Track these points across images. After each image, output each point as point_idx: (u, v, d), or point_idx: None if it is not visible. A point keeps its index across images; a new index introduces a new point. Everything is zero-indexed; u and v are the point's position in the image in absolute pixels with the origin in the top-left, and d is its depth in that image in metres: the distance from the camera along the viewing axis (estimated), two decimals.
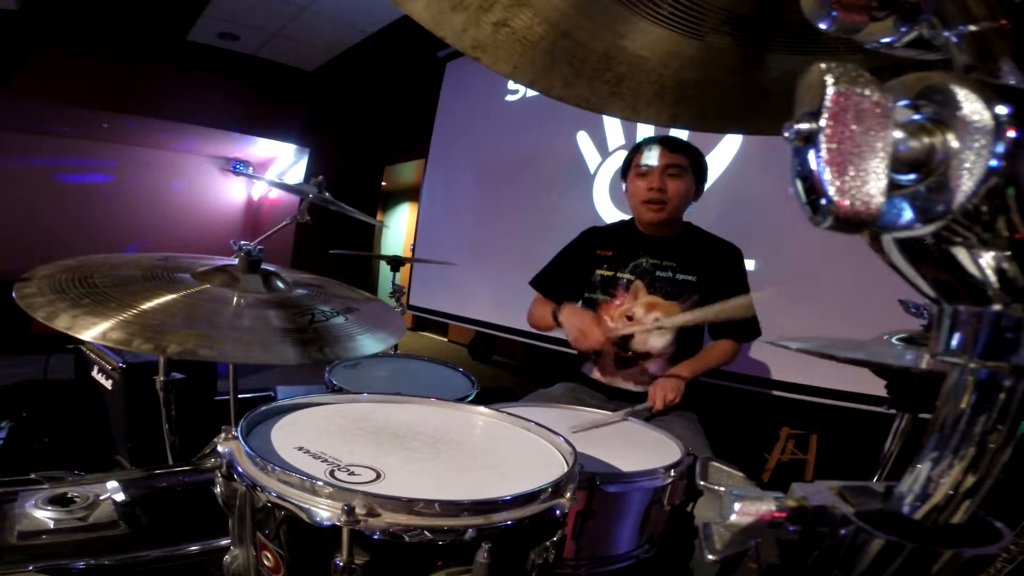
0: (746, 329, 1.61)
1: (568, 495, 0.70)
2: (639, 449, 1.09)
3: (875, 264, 0.32)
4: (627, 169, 1.67)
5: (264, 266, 1.06)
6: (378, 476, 0.70)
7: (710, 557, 0.36)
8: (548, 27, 0.45)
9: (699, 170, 1.63)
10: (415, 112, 5.06)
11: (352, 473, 0.70)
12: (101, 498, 0.94)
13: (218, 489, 0.70)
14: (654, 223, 1.62)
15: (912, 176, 0.27)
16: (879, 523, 0.32)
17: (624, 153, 1.74)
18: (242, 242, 1.04)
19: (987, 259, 0.27)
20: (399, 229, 7.60)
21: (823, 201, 0.25)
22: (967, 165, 0.25)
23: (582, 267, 1.70)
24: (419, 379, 1.63)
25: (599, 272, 1.67)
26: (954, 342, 0.30)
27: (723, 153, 2.77)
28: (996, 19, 0.28)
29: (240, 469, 0.67)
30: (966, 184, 0.25)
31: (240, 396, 1.45)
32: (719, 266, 1.61)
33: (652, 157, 1.58)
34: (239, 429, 0.72)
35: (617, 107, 0.49)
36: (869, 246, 0.32)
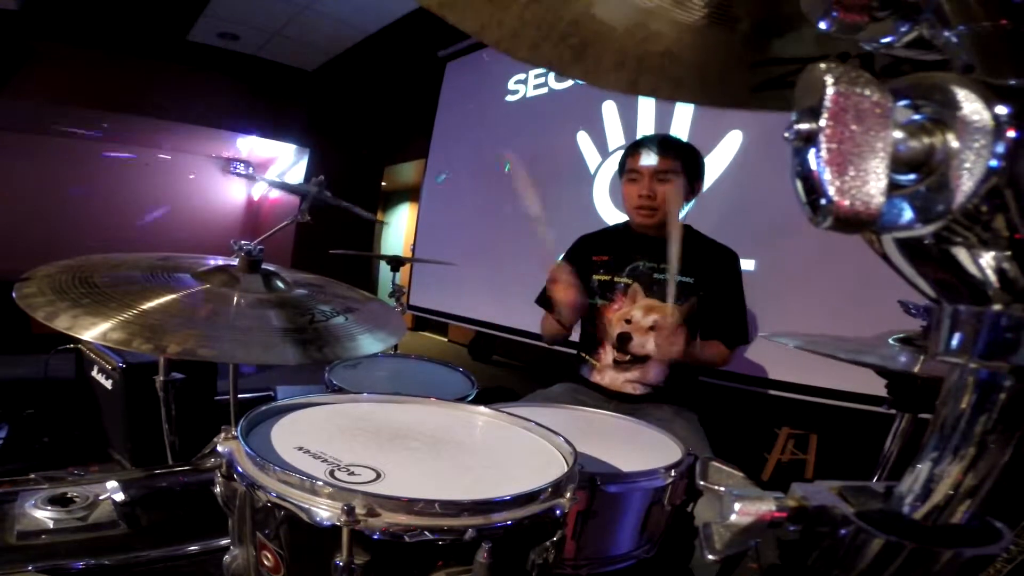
0: (734, 334, 1.62)
1: (568, 495, 0.70)
2: (639, 449, 1.09)
3: (875, 264, 0.32)
4: (622, 171, 1.68)
5: (264, 266, 1.06)
6: (378, 476, 0.70)
7: (710, 557, 0.36)
8: None
9: (694, 169, 1.63)
10: (415, 112, 5.06)
11: (352, 473, 0.70)
12: (101, 498, 0.94)
13: (218, 489, 0.70)
14: (647, 226, 1.63)
15: (912, 176, 0.27)
16: (879, 523, 0.32)
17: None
18: (242, 242, 1.04)
19: (987, 259, 0.27)
20: (399, 229, 7.60)
21: (823, 201, 0.25)
22: (967, 165, 0.25)
23: (579, 275, 1.70)
24: (419, 379, 1.63)
25: (596, 277, 1.67)
26: (954, 342, 0.30)
27: (723, 153, 2.77)
28: (996, 19, 0.28)
29: (240, 469, 0.67)
30: (966, 184, 0.25)
31: (240, 396, 1.45)
32: (716, 269, 1.61)
33: (644, 160, 1.59)
34: (239, 429, 0.72)
35: (579, 71, 0.49)
36: (869, 246, 0.32)
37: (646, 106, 3.09)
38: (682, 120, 2.92)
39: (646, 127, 3.08)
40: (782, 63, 0.43)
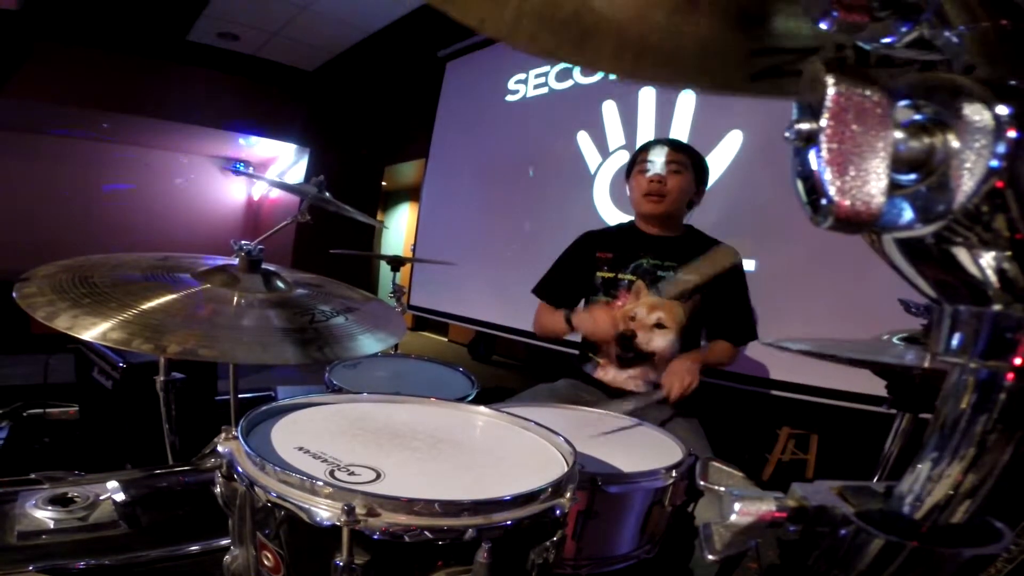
0: (742, 332, 1.62)
1: (568, 495, 0.70)
2: (640, 449, 1.09)
3: (875, 264, 0.32)
4: (631, 168, 1.69)
5: (264, 266, 1.06)
6: (378, 476, 0.70)
7: (710, 557, 0.36)
8: None
9: (699, 171, 1.65)
10: (415, 112, 5.06)
11: (352, 473, 0.70)
12: (101, 498, 0.94)
13: (218, 489, 0.70)
14: (654, 215, 1.64)
15: (912, 176, 0.27)
16: (879, 523, 0.32)
17: (624, 153, 1.75)
18: (242, 242, 1.04)
19: (987, 259, 0.27)
20: (399, 229, 7.60)
21: (824, 201, 0.25)
22: (967, 165, 0.25)
23: (583, 270, 1.71)
24: (419, 379, 1.63)
25: (599, 274, 1.68)
26: (954, 342, 0.30)
27: (723, 153, 2.77)
28: (996, 19, 0.28)
29: (240, 469, 0.67)
30: (967, 184, 0.25)
31: (240, 396, 1.45)
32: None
33: (656, 151, 1.61)
34: (239, 429, 0.72)
35: (579, 61, 0.50)
36: (870, 246, 0.32)
37: (646, 106, 3.09)
38: (682, 119, 2.92)
39: (646, 126, 3.08)
40: (780, 52, 0.44)
